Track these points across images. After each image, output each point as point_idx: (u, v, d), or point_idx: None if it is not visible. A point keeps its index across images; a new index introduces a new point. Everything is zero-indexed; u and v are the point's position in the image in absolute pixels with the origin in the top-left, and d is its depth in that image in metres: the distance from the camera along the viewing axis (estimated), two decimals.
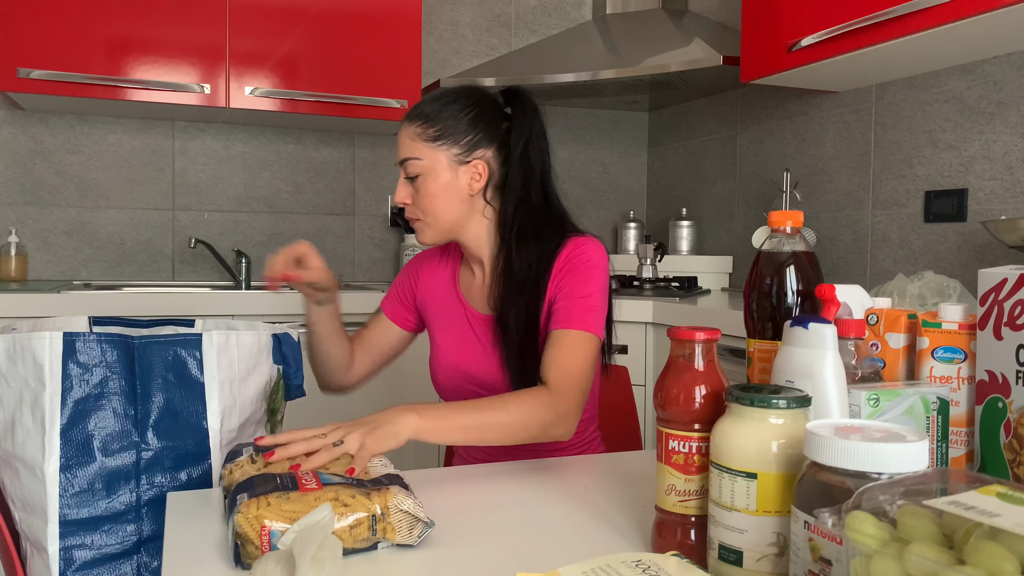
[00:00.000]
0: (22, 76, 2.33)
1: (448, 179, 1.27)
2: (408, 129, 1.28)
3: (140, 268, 2.80)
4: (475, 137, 1.28)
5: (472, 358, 1.34)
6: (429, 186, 1.27)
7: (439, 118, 1.27)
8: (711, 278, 2.80)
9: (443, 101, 1.29)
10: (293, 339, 1.19)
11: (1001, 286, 0.75)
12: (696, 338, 0.71)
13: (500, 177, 1.30)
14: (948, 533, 0.45)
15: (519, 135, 1.30)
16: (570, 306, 1.23)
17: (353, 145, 3.03)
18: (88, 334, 1.02)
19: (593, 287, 1.24)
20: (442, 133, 1.27)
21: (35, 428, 1.01)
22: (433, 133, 1.26)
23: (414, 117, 1.28)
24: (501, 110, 1.32)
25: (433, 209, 1.28)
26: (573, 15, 3.26)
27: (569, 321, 1.22)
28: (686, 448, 0.70)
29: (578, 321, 1.21)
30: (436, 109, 1.28)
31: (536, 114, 1.32)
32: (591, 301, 1.23)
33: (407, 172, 1.28)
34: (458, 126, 1.27)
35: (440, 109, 1.28)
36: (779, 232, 0.83)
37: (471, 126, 1.28)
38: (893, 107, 2.23)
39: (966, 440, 0.81)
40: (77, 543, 1.01)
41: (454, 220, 1.29)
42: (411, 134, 1.27)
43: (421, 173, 1.27)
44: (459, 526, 0.82)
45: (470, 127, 1.28)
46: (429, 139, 1.26)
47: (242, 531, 0.71)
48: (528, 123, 1.31)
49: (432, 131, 1.27)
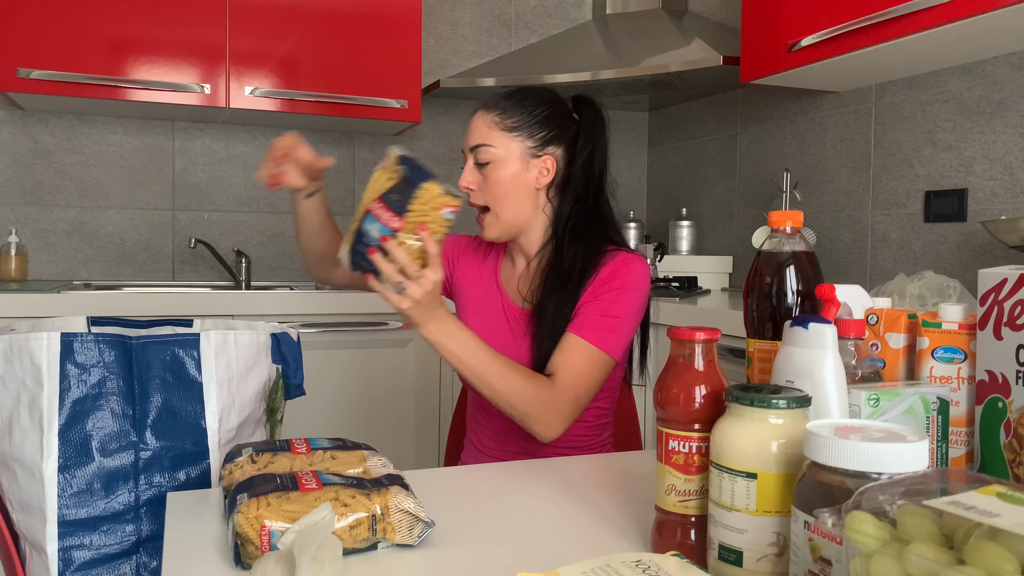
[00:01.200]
0: (22, 76, 2.33)
1: (518, 170, 1.30)
2: (484, 117, 1.31)
3: (140, 268, 2.80)
4: (548, 134, 1.32)
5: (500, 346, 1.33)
6: (499, 174, 1.30)
7: (517, 110, 1.31)
8: (711, 278, 2.80)
9: (520, 95, 1.33)
10: (292, 338, 1.19)
11: (1001, 286, 0.75)
12: (696, 338, 0.71)
13: (563, 177, 1.34)
14: (948, 533, 0.45)
15: (587, 140, 1.35)
16: (597, 319, 1.25)
17: (353, 145, 3.03)
18: (86, 334, 1.02)
19: (624, 309, 1.26)
20: (519, 124, 1.30)
21: (33, 429, 1.00)
22: (510, 123, 1.30)
23: (492, 106, 1.32)
24: (571, 114, 1.37)
25: (501, 197, 1.30)
26: (573, 15, 3.26)
27: (592, 333, 1.24)
28: (686, 448, 0.70)
29: (599, 337, 1.24)
30: (514, 101, 1.32)
31: (604, 125, 1.38)
32: (618, 323, 1.25)
33: (478, 158, 1.31)
34: (533, 121, 1.31)
35: (518, 102, 1.32)
36: (779, 232, 0.83)
37: (546, 122, 1.32)
38: (893, 107, 2.23)
39: (966, 440, 0.80)
40: (76, 543, 1.01)
41: (519, 212, 1.32)
42: (487, 122, 1.31)
43: (493, 161, 1.30)
44: (459, 526, 0.82)
45: (545, 123, 1.32)
46: (506, 128, 1.30)
47: (242, 531, 0.71)
48: (597, 130, 1.36)
49: (509, 121, 1.30)
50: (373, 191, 1.09)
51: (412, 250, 1.09)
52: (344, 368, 2.40)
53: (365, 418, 2.41)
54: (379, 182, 1.09)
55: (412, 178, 1.07)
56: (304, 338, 2.33)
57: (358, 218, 1.10)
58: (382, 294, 1.11)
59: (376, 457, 0.88)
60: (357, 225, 1.10)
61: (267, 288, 2.70)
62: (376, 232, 1.08)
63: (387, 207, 1.08)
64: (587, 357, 1.23)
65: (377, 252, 1.08)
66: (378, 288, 1.11)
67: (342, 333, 2.38)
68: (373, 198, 1.09)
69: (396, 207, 1.07)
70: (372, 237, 1.08)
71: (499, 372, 1.16)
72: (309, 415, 2.35)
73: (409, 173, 1.08)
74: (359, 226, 1.10)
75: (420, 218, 1.08)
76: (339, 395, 2.39)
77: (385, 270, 1.08)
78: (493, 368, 1.16)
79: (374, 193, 1.09)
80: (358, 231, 1.10)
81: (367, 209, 1.09)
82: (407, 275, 1.09)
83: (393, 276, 1.09)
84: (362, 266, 1.11)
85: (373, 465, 0.87)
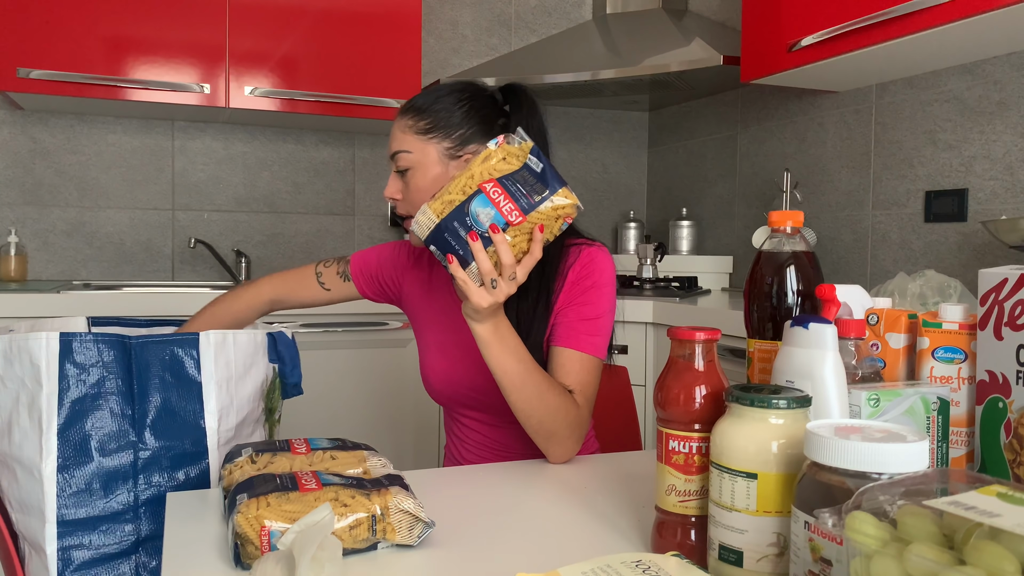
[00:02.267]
0: (22, 76, 2.33)
1: (439, 173, 1.24)
2: (400, 122, 1.26)
3: (140, 268, 2.80)
4: (468, 131, 1.25)
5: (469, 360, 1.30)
6: (419, 180, 1.24)
7: (431, 110, 1.25)
8: (711, 278, 2.80)
9: (436, 94, 1.27)
10: (288, 338, 1.19)
11: (1001, 286, 0.75)
12: (696, 338, 0.71)
13: None
14: (948, 533, 0.45)
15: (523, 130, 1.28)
16: (583, 325, 1.21)
17: (353, 145, 3.03)
18: (85, 334, 1.02)
19: (604, 307, 1.23)
20: (433, 126, 1.24)
21: (32, 429, 1.00)
22: (424, 125, 1.24)
23: (406, 110, 1.26)
24: (498, 106, 1.30)
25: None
26: (573, 15, 3.26)
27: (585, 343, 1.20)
28: (686, 448, 0.70)
29: (591, 345, 1.20)
30: (428, 102, 1.26)
31: (535, 111, 1.29)
32: (601, 322, 1.22)
33: (397, 165, 1.25)
34: (451, 119, 1.25)
35: (433, 102, 1.25)
36: (779, 232, 0.83)
37: (464, 119, 1.25)
38: (893, 107, 2.23)
39: (966, 440, 0.80)
40: (75, 543, 1.01)
41: None
42: (402, 126, 1.25)
43: (411, 167, 1.24)
44: (459, 526, 0.82)
45: (463, 120, 1.25)
46: (420, 131, 1.24)
47: (242, 531, 0.71)
48: (525, 120, 1.27)
49: (423, 123, 1.24)
50: (486, 168, 0.99)
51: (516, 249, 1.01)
52: (343, 368, 2.40)
53: (365, 418, 2.41)
54: (493, 160, 1.00)
55: (548, 177, 0.99)
56: (303, 338, 2.33)
57: (461, 190, 0.99)
58: (463, 282, 1.01)
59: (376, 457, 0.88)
60: (459, 199, 0.99)
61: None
62: (487, 218, 0.98)
63: (509, 196, 0.98)
64: (589, 370, 1.20)
65: (479, 239, 0.99)
66: (460, 274, 1.00)
67: (341, 333, 2.38)
68: (487, 178, 0.99)
69: (521, 200, 0.98)
70: (479, 221, 0.98)
71: (539, 386, 1.11)
72: (309, 415, 2.35)
73: (546, 171, 0.99)
74: (463, 202, 0.98)
75: (543, 220, 1.00)
76: (339, 395, 2.39)
77: (482, 262, 0.99)
78: (536, 379, 1.10)
79: (487, 171, 0.99)
80: (460, 207, 0.98)
81: (479, 186, 0.98)
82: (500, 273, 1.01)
83: (489, 271, 1.00)
84: (444, 244, 1.00)
85: (373, 465, 0.86)
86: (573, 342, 1.20)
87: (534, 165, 0.99)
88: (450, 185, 1.00)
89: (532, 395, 1.10)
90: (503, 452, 1.31)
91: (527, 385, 1.10)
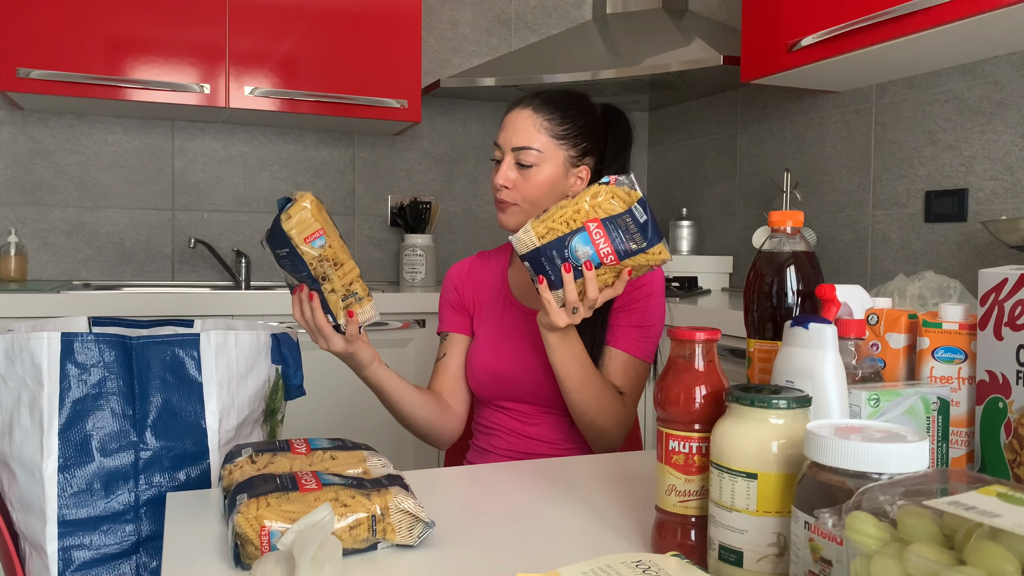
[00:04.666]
0: (22, 76, 2.33)
1: (559, 177, 1.29)
2: (533, 118, 1.28)
3: (140, 268, 2.80)
4: (588, 145, 1.31)
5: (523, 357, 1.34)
6: (540, 179, 1.28)
7: (569, 116, 1.29)
8: (711, 278, 2.80)
9: (569, 102, 1.31)
10: (292, 339, 1.19)
11: (1001, 286, 0.75)
12: (696, 338, 0.71)
13: None
14: (948, 533, 0.45)
15: (617, 154, 1.35)
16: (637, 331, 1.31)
17: (353, 145, 3.03)
18: (86, 334, 1.02)
19: (655, 316, 1.32)
20: (567, 133, 1.29)
21: (33, 428, 1.00)
22: (560, 131, 1.28)
23: (542, 108, 1.29)
24: (603, 126, 1.36)
25: (538, 200, 1.28)
26: (573, 15, 3.26)
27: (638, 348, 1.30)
28: (686, 448, 0.70)
29: (643, 349, 1.31)
30: (566, 105, 1.30)
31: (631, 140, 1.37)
32: (653, 330, 1.32)
33: (521, 159, 1.27)
34: (578, 130, 1.30)
35: (570, 106, 1.30)
36: (779, 232, 0.83)
37: (587, 133, 1.31)
38: (893, 107, 2.23)
39: (966, 440, 0.80)
40: (76, 543, 1.01)
41: None
42: (537, 124, 1.28)
43: (536, 164, 1.27)
44: (459, 526, 0.82)
45: (587, 134, 1.31)
46: (555, 135, 1.28)
47: (242, 531, 0.71)
48: (627, 145, 1.36)
49: (560, 128, 1.28)
50: (594, 205, 1.05)
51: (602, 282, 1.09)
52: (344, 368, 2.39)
53: (365, 418, 2.41)
54: (601, 197, 1.05)
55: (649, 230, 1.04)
56: (304, 338, 2.33)
57: (566, 222, 1.06)
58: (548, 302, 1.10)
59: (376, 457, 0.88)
60: (564, 231, 1.06)
61: (267, 288, 2.70)
62: (584, 255, 1.05)
63: (608, 239, 1.04)
64: (639, 372, 1.30)
65: (571, 271, 1.06)
66: (547, 295, 1.09)
67: None
68: (594, 216, 1.05)
69: (619, 245, 1.04)
70: (575, 255, 1.05)
71: (596, 388, 1.21)
72: (309, 415, 2.35)
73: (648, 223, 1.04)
74: (565, 235, 1.05)
75: (633, 265, 1.06)
76: (339, 395, 2.39)
77: (569, 292, 1.07)
78: (594, 382, 1.21)
79: (594, 209, 1.05)
80: (562, 239, 1.05)
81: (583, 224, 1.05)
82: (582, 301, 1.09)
83: (574, 301, 1.08)
84: (539, 266, 1.08)
85: (373, 465, 0.87)
86: (627, 345, 1.30)
87: (639, 215, 1.05)
88: (556, 212, 1.06)
89: (590, 396, 1.21)
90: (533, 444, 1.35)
91: (587, 387, 1.20)
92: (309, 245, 1.07)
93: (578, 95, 1.34)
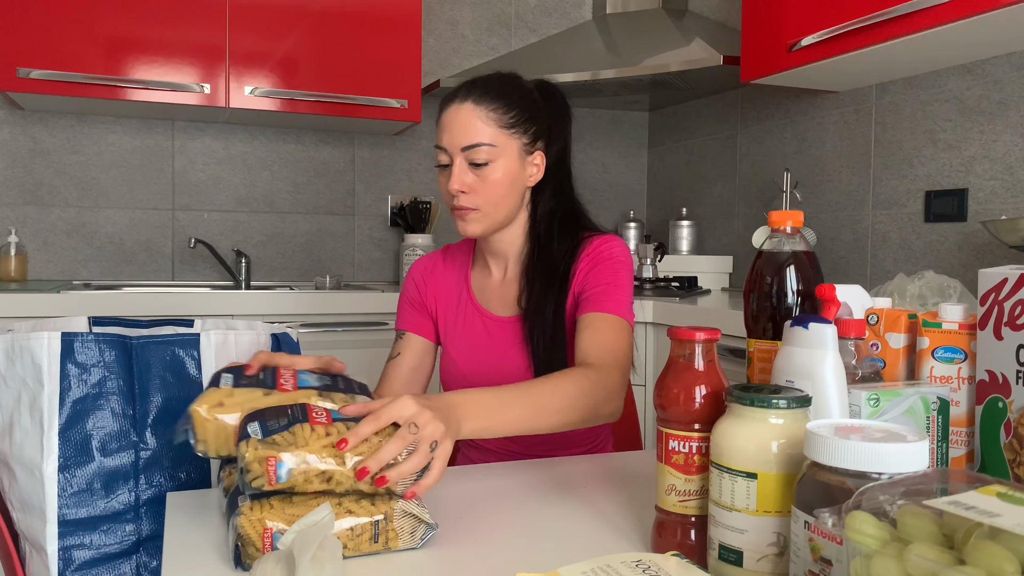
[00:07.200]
0: (22, 76, 2.33)
1: (516, 170, 1.19)
2: (478, 110, 1.16)
3: (140, 268, 2.80)
4: (537, 128, 1.22)
5: (488, 364, 1.30)
6: (500, 175, 1.17)
7: (512, 102, 1.18)
8: (711, 278, 2.80)
9: (510, 85, 1.21)
10: (292, 339, 1.19)
11: (1001, 286, 0.75)
12: (696, 338, 0.71)
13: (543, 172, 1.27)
14: (948, 533, 0.45)
15: (560, 131, 1.26)
16: (601, 293, 1.19)
17: (353, 145, 3.03)
18: (86, 334, 1.02)
19: (622, 279, 1.22)
20: (516, 120, 1.18)
21: (33, 428, 1.00)
22: (509, 119, 1.17)
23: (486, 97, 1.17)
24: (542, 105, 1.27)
25: (499, 200, 1.19)
26: (573, 15, 3.26)
27: (602, 305, 1.17)
28: (686, 448, 0.70)
29: (612, 306, 1.17)
30: (507, 92, 1.18)
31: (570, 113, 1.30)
32: (622, 290, 1.20)
33: (473, 158, 1.17)
34: (526, 115, 1.19)
35: (509, 93, 1.19)
36: (779, 232, 0.83)
37: (534, 116, 1.21)
38: (893, 107, 2.23)
39: (966, 440, 0.80)
40: (76, 543, 1.01)
41: (510, 212, 1.23)
42: (483, 116, 1.16)
43: (492, 160, 1.17)
44: (459, 526, 0.82)
45: (534, 117, 1.21)
46: (505, 125, 1.17)
47: (244, 533, 0.71)
48: (568, 120, 1.28)
49: (508, 116, 1.17)
50: None
51: None
52: None
53: None
54: None
55: None
56: (304, 338, 2.33)
57: None
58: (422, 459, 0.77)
59: None
60: None
61: (267, 288, 2.70)
62: None
63: None
64: (610, 326, 1.15)
65: None
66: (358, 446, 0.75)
67: (342, 333, 2.38)
68: None
69: None
70: None
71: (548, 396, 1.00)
72: None
73: None
74: None
75: None
76: None
77: None
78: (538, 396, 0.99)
79: None
80: None
81: None
82: None
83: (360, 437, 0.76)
84: None
85: None
86: (597, 305, 1.18)
87: None
88: None
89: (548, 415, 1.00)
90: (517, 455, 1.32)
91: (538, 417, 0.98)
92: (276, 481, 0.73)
93: (512, 76, 1.24)
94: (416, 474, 0.76)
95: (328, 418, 0.76)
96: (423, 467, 0.76)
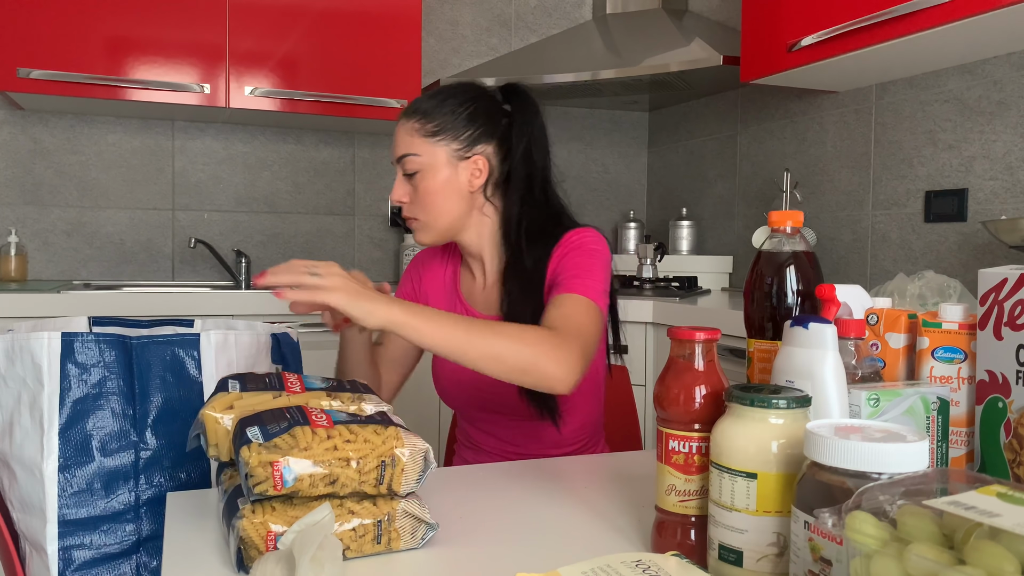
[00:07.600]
0: (22, 76, 2.33)
1: (448, 175, 1.24)
2: (405, 125, 1.26)
3: (140, 268, 2.80)
4: (475, 132, 1.26)
5: None
6: (428, 183, 1.24)
7: (437, 113, 1.25)
8: (711, 278, 2.80)
9: (440, 97, 1.27)
10: (292, 339, 1.19)
11: (1001, 286, 0.75)
12: (696, 338, 0.71)
13: (500, 174, 1.28)
14: (948, 533, 0.45)
15: (521, 132, 1.28)
16: (572, 276, 1.19)
17: (353, 145, 3.03)
18: (86, 334, 1.02)
19: (595, 263, 1.21)
20: (440, 128, 1.24)
21: (33, 428, 1.00)
22: (431, 128, 1.24)
23: (411, 113, 1.26)
24: (500, 106, 1.31)
25: (433, 207, 1.25)
26: (573, 15, 3.26)
27: (572, 287, 1.17)
28: (686, 448, 0.70)
29: (581, 288, 1.16)
30: (433, 104, 1.26)
31: (537, 111, 1.30)
32: (592, 275, 1.19)
33: (405, 169, 1.25)
34: (457, 121, 1.25)
35: (438, 104, 1.26)
36: (779, 232, 0.83)
37: (470, 121, 1.26)
38: (893, 107, 2.23)
39: (966, 440, 0.80)
40: (76, 543, 1.01)
41: (454, 218, 1.27)
42: (408, 130, 1.25)
43: (420, 170, 1.24)
44: (459, 526, 0.82)
45: (469, 122, 1.25)
46: (427, 134, 1.24)
47: (247, 536, 0.70)
48: (530, 119, 1.29)
49: (430, 126, 1.24)
50: None
51: None
52: None
53: None
54: None
55: None
56: (304, 338, 2.33)
57: None
58: (310, 294, 1.01)
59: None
60: None
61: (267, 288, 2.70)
62: None
63: None
64: (575, 303, 1.14)
65: None
66: (298, 296, 1.02)
67: None
68: None
69: None
70: None
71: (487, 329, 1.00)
72: None
73: None
74: None
75: None
76: None
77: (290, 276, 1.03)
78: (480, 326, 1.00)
79: None
80: None
81: None
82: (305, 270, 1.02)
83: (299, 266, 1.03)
84: None
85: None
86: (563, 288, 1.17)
87: None
88: None
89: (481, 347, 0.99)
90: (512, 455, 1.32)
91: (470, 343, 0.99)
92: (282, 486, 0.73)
93: (454, 86, 1.29)
94: None
95: (329, 421, 0.75)
96: None
